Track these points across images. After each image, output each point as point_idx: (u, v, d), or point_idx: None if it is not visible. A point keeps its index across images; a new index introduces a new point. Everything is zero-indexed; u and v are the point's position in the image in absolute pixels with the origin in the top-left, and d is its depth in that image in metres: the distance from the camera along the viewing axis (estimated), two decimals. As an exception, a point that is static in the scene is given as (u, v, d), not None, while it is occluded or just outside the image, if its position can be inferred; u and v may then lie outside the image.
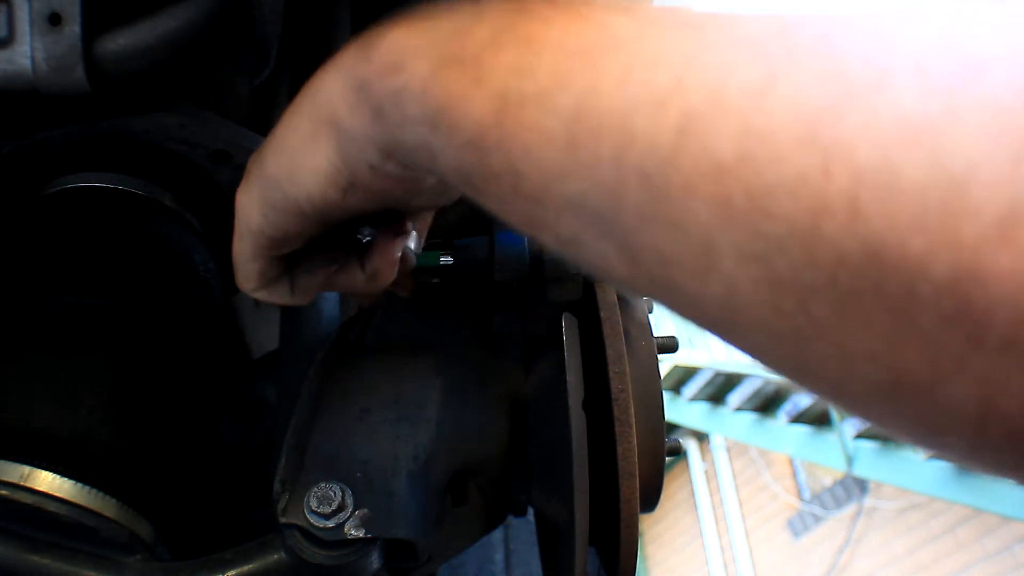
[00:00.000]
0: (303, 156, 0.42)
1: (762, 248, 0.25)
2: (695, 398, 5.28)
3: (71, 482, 0.52)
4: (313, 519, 0.50)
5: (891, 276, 0.23)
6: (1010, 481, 0.27)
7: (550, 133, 0.30)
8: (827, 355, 0.26)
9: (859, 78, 0.24)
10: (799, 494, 6.46)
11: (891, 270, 0.23)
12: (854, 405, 0.27)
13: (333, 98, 0.40)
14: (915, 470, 3.88)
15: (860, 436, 4.08)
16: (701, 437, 7.12)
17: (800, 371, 0.28)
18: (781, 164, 0.25)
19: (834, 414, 4.24)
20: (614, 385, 0.51)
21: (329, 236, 0.48)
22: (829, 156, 0.24)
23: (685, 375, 5.35)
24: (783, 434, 4.71)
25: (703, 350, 5.61)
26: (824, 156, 0.24)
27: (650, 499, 0.57)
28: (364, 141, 0.39)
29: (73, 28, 0.54)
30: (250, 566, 0.52)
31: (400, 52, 0.36)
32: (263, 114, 0.74)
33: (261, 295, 0.49)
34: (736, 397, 4.91)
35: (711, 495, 7.13)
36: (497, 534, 1.03)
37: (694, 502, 7.21)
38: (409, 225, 0.50)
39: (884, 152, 0.23)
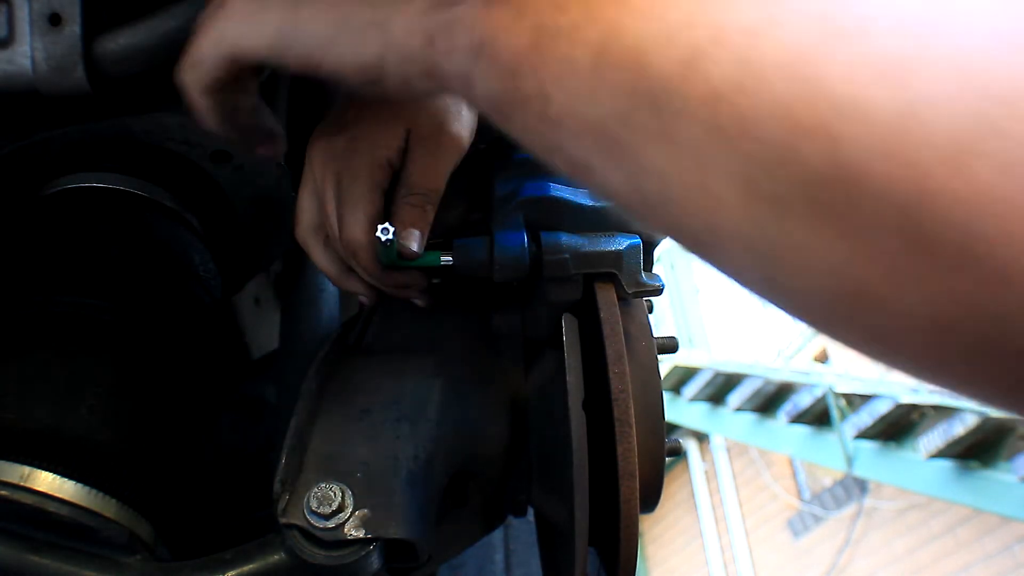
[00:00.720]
0: (347, 36, 0.45)
1: (748, 167, 0.29)
2: (695, 398, 5.27)
3: (71, 482, 0.52)
4: (313, 519, 0.50)
5: (857, 196, 0.26)
6: (970, 400, 0.30)
7: (578, 62, 0.34)
8: (797, 268, 0.29)
9: (845, 23, 0.27)
10: (799, 494, 6.46)
11: (858, 191, 0.26)
12: (817, 317, 0.30)
13: (392, 16, 0.44)
14: (915, 470, 3.88)
15: (860, 436, 4.08)
16: (701, 437, 7.12)
17: (771, 285, 0.31)
18: (769, 94, 0.28)
19: (834, 414, 4.23)
20: (614, 385, 0.51)
21: None
22: (810, 88, 0.27)
23: (685, 375, 5.34)
24: (783, 434, 4.71)
25: (703, 350, 5.61)
26: (806, 88, 0.27)
27: (650, 499, 0.57)
28: (410, 61, 0.43)
29: (73, 28, 0.54)
30: (250, 566, 0.52)
31: None
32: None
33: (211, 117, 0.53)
34: (736, 397, 4.91)
35: (711, 495, 7.13)
36: (497, 534, 1.03)
37: (694, 502, 7.21)
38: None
39: (858, 86, 0.26)
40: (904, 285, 0.26)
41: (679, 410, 5.41)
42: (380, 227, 0.53)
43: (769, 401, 4.76)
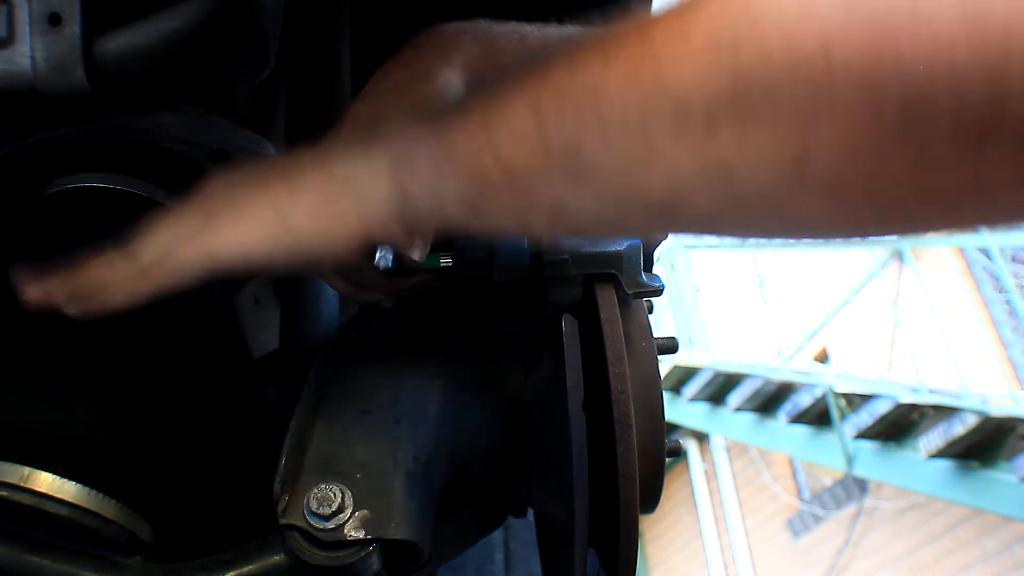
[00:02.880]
0: (335, 221, 0.48)
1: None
2: (695, 398, 5.27)
3: (71, 483, 0.52)
4: (313, 520, 0.50)
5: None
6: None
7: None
8: (746, 162, 0.35)
9: None
10: (799, 494, 6.46)
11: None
12: (757, 183, 0.35)
13: (368, 186, 0.47)
14: (915, 470, 3.88)
15: (860, 436, 4.08)
16: (701, 437, 7.12)
17: (728, 175, 0.36)
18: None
19: (834, 414, 4.23)
20: (614, 386, 0.51)
21: None
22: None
23: (685, 375, 5.34)
24: (783, 434, 4.71)
25: (703, 350, 5.60)
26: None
27: (650, 500, 0.57)
28: (388, 217, 0.46)
29: (73, 28, 0.54)
30: (250, 567, 0.52)
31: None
32: (263, 114, 0.74)
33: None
34: (736, 397, 4.91)
35: (711, 495, 7.13)
36: (497, 534, 1.03)
37: (694, 502, 7.21)
38: None
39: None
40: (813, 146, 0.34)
41: (679, 410, 5.41)
42: (379, 253, 0.54)
43: (769, 401, 4.76)
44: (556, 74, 0.40)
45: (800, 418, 4.50)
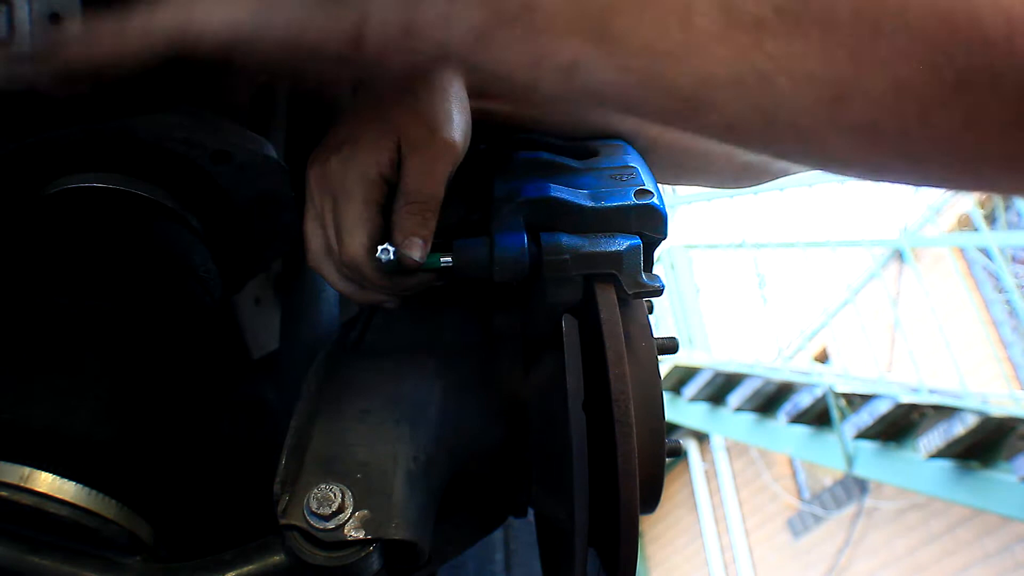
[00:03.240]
0: (326, 5, 0.44)
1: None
2: (695, 398, 5.26)
3: (71, 483, 0.51)
4: (313, 520, 0.50)
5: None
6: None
7: None
8: (786, 82, 0.33)
9: None
10: (799, 494, 6.46)
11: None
12: (791, 107, 0.34)
13: None
14: (915, 470, 3.87)
15: (860, 436, 4.08)
16: (701, 437, 7.12)
17: (763, 89, 0.35)
18: None
19: (834, 414, 4.23)
20: (614, 386, 0.51)
21: None
22: None
23: (685, 375, 5.34)
24: (783, 434, 4.70)
25: (703, 350, 5.60)
26: None
27: (650, 500, 0.57)
28: (387, 22, 0.43)
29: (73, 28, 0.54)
30: (250, 567, 0.52)
31: None
32: (263, 114, 0.74)
33: None
34: (736, 397, 4.90)
35: (711, 495, 7.13)
36: (497, 534, 1.03)
37: (694, 502, 7.21)
38: None
39: None
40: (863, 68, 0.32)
41: (679, 410, 5.40)
42: (380, 248, 0.54)
43: (769, 401, 4.76)
44: None
45: (800, 418, 4.50)
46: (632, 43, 0.37)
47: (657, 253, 0.64)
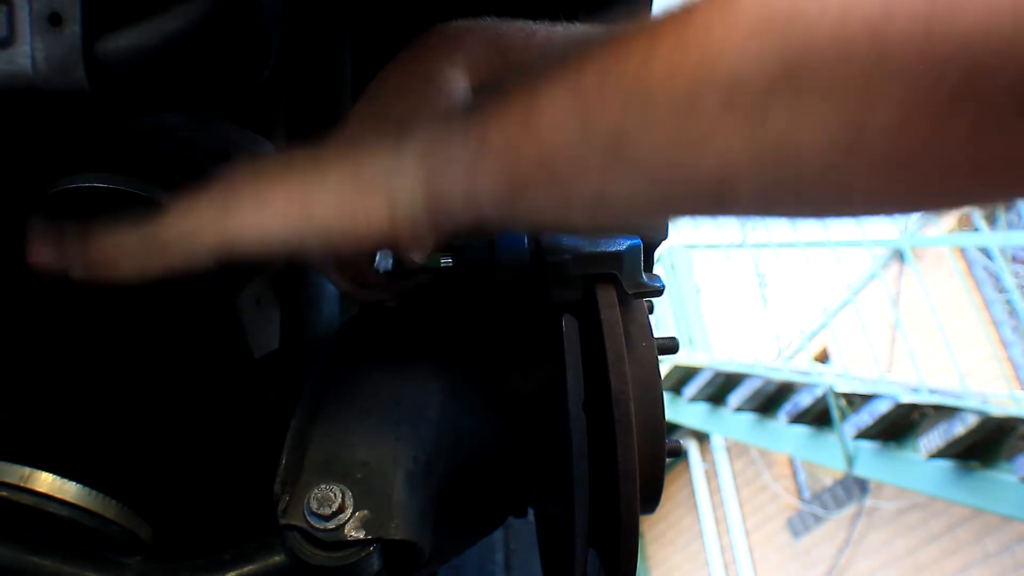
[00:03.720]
0: (359, 213, 0.47)
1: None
2: (695, 398, 5.27)
3: (71, 483, 0.51)
4: (313, 520, 0.50)
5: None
6: None
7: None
8: (799, 148, 0.35)
9: None
10: (799, 494, 6.46)
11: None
12: (812, 161, 0.35)
13: (394, 174, 0.46)
14: (915, 470, 3.87)
15: (860, 436, 4.08)
16: (701, 437, 7.12)
17: (782, 154, 0.36)
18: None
19: (834, 414, 4.23)
20: (614, 386, 0.51)
21: None
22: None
23: (685, 375, 5.34)
24: (783, 434, 4.70)
25: (703, 350, 5.60)
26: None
27: (650, 500, 0.57)
28: (417, 210, 0.45)
29: (73, 28, 0.54)
30: (250, 567, 0.52)
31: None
32: (263, 114, 0.74)
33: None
34: (736, 397, 4.90)
35: (711, 495, 7.13)
36: (497, 534, 1.03)
37: (694, 502, 7.21)
38: None
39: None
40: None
41: (679, 410, 5.40)
42: (379, 254, 0.54)
43: (769, 401, 4.76)
44: (596, 62, 0.40)
45: (800, 418, 4.50)
46: (648, 154, 0.38)
47: (657, 253, 0.64)
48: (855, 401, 4.16)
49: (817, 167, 0.35)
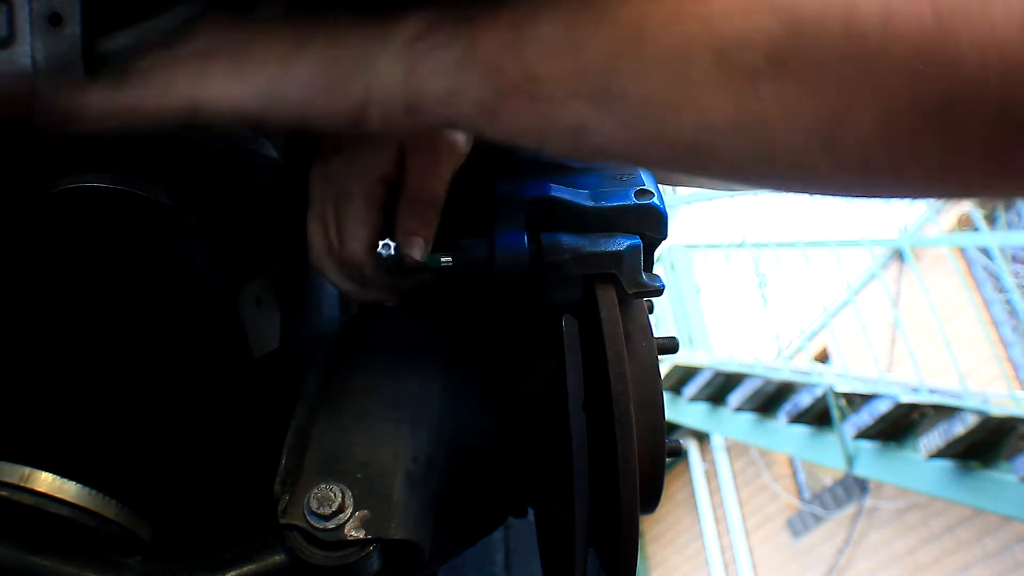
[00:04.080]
0: (334, 81, 0.45)
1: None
2: (695, 398, 5.26)
3: (71, 483, 0.51)
4: (313, 520, 0.50)
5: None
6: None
7: (558, 32, 0.40)
8: (782, 124, 0.35)
9: None
10: (799, 494, 6.46)
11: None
12: (788, 144, 0.36)
13: (377, 53, 0.45)
14: (915, 470, 3.87)
15: (860, 436, 4.07)
16: (701, 437, 7.12)
17: (761, 130, 0.36)
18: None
19: (834, 414, 4.23)
20: (614, 386, 0.51)
21: None
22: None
23: (685, 375, 5.33)
24: (783, 434, 4.70)
25: (703, 350, 5.60)
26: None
27: (650, 500, 0.57)
28: (392, 96, 0.44)
29: (73, 28, 0.54)
30: (250, 567, 0.52)
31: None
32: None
33: None
34: (736, 397, 4.90)
35: (711, 495, 7.13)
36: (497, 534, 1.03)
37: (694, 502, 7.21)
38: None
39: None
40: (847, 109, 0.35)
41: (679, 410, 5.40)
42: (381, 243, 0.54)
43: (769, 401, 4.76)
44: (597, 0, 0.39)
45: (800, 418, 4.50)
46: (634, 101, 0.38)
47: (657, 253, 0.65)
48: (855, 401, 4.16)
49: (793, 151, 0.36)
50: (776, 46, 0.34)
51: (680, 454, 0.60)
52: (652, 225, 0.57)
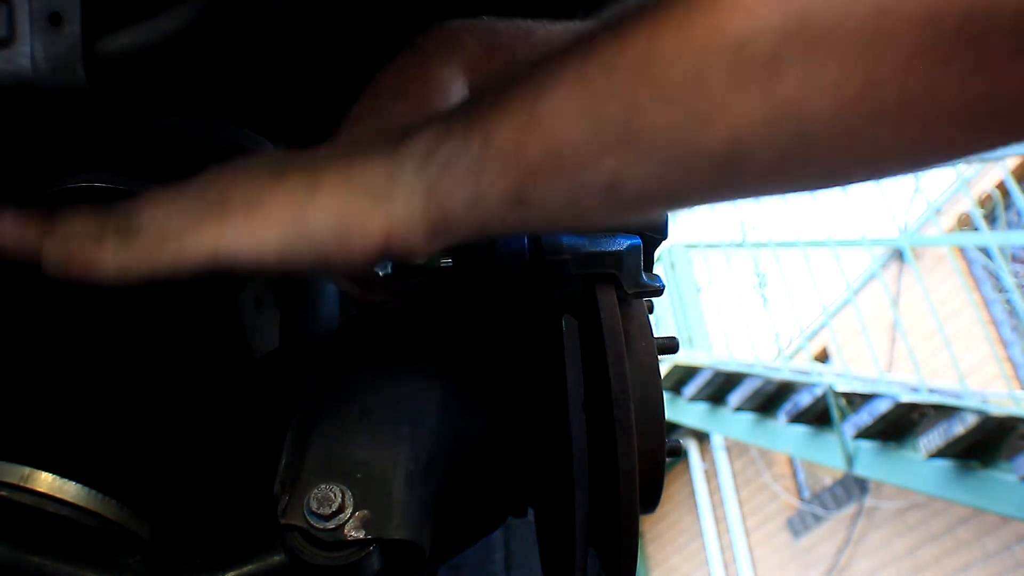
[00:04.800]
0: (355, 225, 0.45)
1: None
2: (695, 398, 5.26)
3: (71, 483, 0.51)
4: (313, 520, 0.50)
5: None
6: None
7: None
8: (813, 97, 0.35)
9: None
10: (799, 494, 6.46)
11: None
12: (825, 119, 0.36)
13: (392, 187, 0.44)
14: (915, 470, 3.88)
15: (860, 436, 4.08)
16: (701, 437, 7.12)
17: (795, 115, 0.36)
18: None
19: (834, 414, 4.23)
20: (614, 386, 0.51)
21: None
22: None
23: (685, 375, 5.34)
24: (783, 434, 4.70)
25: (703, 350, 5.60)
26: None
27: (650, 499, 0.57)
28: (415, 225, 0.44)
29: (73, 28, 0.54)
30: (249, 567, 0.52)
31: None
32: (263, 114, 0.74)
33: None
34: (736, 397, 4.90)
35: (711, 495, 7.13)
36: (497, 534, 1.03)
37: (694, 502, 7.21)
38: None
39: None
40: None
41: (679, 410, 5.40)
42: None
43: (769, 401, 4.76)
44: (599, 47, 0.39)
45: (800, 418, 4.50)
46: (661, 131, 0.38)
47: (657, 253, 0.65)
48: (855, 401, 4.16)
49: (827, 124, 0.36)
50: (782, 38, 0.34)
51: (680, 454, 0.60)
52: (652, 225, 0.57)
